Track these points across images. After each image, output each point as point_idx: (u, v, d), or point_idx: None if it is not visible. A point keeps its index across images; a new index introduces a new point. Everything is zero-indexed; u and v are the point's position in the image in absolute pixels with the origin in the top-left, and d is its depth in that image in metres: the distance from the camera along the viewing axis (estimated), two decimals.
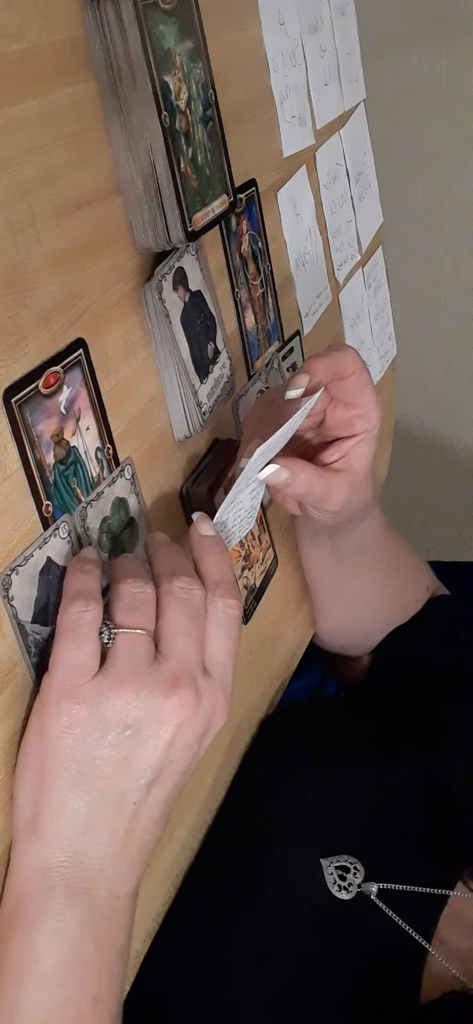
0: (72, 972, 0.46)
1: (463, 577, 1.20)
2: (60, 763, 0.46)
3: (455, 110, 1.51)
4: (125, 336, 0.58)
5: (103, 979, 0.47)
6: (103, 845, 0.47)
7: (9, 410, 0.48)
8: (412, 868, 0.63)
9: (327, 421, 0.64)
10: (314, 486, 0.60)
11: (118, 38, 0.53)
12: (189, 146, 0.58)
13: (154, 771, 0.47)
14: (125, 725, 0.46)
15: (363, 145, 1.02)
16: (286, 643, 0.83)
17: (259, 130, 0.77)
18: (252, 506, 0.58)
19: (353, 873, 0.62)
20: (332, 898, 0.61)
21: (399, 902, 0.61)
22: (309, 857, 0.64)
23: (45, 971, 0.45)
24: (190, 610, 0.49)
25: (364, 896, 0.61)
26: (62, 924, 0.46)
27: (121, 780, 0.47)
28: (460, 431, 1.76)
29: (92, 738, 0.46)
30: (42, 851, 0.46)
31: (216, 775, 0.70)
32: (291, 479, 0.58)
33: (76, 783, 0.46)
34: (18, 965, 0.45)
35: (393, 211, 1.16)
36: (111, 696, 0.46)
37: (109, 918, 0.47)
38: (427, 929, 0.60)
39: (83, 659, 0.46)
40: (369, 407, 0.62)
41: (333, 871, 0.62)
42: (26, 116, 0.49)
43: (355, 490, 0.64)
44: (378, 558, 0.80)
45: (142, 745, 0.47)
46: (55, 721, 0.46)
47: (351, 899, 0.61)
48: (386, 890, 0.61)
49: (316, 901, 0.61)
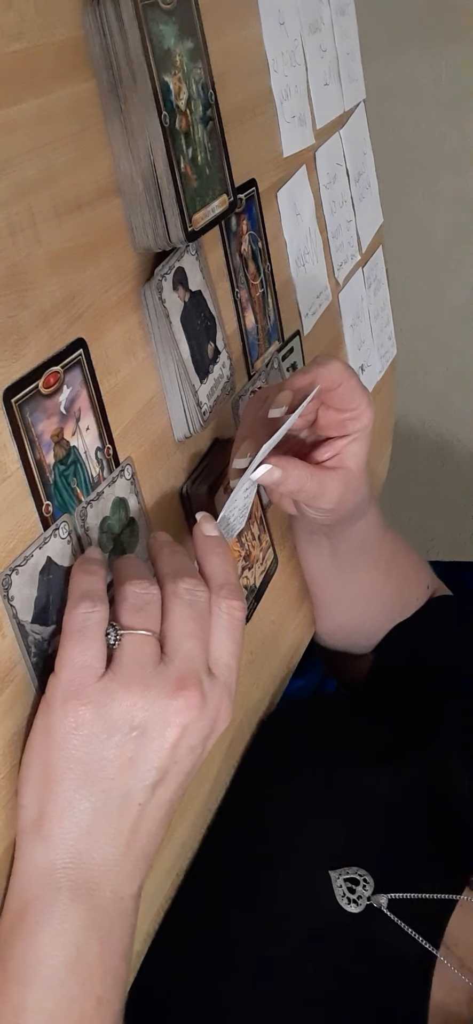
0: (76, 973, 0.46)
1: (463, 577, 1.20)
2: (66, 764, 0.46)
3: (455, 110, 1.50)
4: (125, 336, 0.58)
5: (107, 980, 0.47)
6: (108, 846, 0.47)
7: (9, 410, 0.48)
8: (420, 874, 0.63)
9: (319, 421, 0.64)
10: (306, 483, 0.60)
11: (118, 38, 0.53)
12: (189, 146, 0.58)
13: (159, 772, 0.47)
14: (131, 726, 0.46)
15: (363, 145, 1.01)
16: (286, 643, 0.83)
17: (259, 130, 0.77)
18: (245, 505, 0.58)
19: (362, 885, 0.62)
20: (342, 911, 0.61)
21: (407, 909, 0.60)
22: (316, 868, 0.63)
23: (49, 972, 0.45)
24: (195, 611, 0.49)
25: (373, 907, 0.61)
26: (67, 925, 0.46)
27: (126, 781, 0.47)
28: (460, 431, 1.76)
29: (98, 739, 0.46)
30: (47, 852, 0.46)
31: (216, 775, 0.70)
32: (283, 477, 0.58)
33: (82, 784, 0.46)
34: (22, 966, 0.45)
35: (393, 211, 1.16)
36: (117, 697, 0.46)
37: (113, 919, 0.47)
38: (435, 935, 0.60)
39: (90, 660, 0.46)
40: (360, 409, 0.62)
41: (342, 884, 0.62)
42: (26, 116, 0.49)
43: (349, 488, 0.64)
44: (377, 557, 0.80)
45: (148, 746, 0.47)
46: (61, 722, 0.46)
47: (361, 912, 0.61)
48: (395, 900, 0.61)
49: (325, 914, 0.61)
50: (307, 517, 0.66)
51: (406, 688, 0.82)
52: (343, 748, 0.74)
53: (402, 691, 0.82)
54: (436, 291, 1.65)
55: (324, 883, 0.62)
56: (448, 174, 1.55)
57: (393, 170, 1.50)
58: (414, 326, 1.61)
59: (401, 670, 0.84)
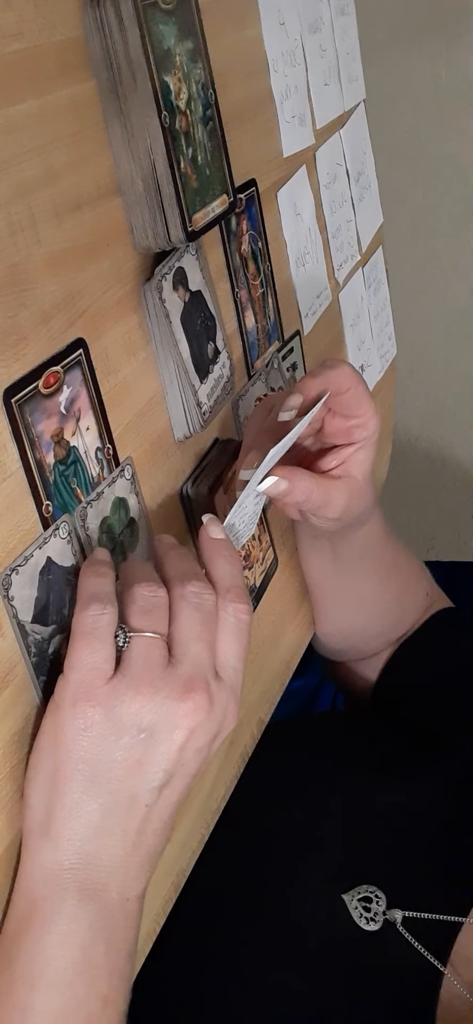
0: (83, 974, 0.46)
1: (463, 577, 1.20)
2: (75, 765, 0.46)
3: (455, 110, 1.50)
4: (125, 336, 0.58)
5: (113, 981, 0.47)
6: (114, 847, 0.47)
7: (9, 410, 0.48)
8: (428, 893, 0.63)
9: (325, 429, 0.63)
10: (312, 494, 0.60)
11: (118, 38, 0.53)
12: (189, 146, 0.58)
13: (166, 774, 0.47)
14: (140, 728, 0.46)
15: (363, 145, 1.02)
16: (286, 643, 0.83)
17: (259, 130, 0.77)
18: (254, 513, 0.58)
19: (376, 902, 0.62)
20: (359, 931, 0.61)
21: (416, 927, 0.61)
22: (324, 883, 0.63)
23: (56, 973, 0.45)
24: (202, 615, 0.49)
25: (389, 924, 0.61)
26: (74, 926, 0.46)
27: (134, 783, 0.47)
28: (460, 431, 1.76)
29: (107, 741, 0.46)
30: (54, 853, 0.46)
31: (216, 775, 0.70)
32: (289, 488, 0.58)
33: (90, 785, 0.46)
34: (29, 967, 0.45)
35: (393, 211, 1.16)
36: (127, 699, 0.46)
37: (119, 920, 0.47)
38: (442, 954, 0.60)
39: (99, 662, 0.46)
40: (367, 417, 0.62)
41: (357, 904, 0.62)
42: (26, 116, 0.49)
43: (355, 496, 0.64)
44: (378, 563, 0.80)
45: (155, 748, 0.47)
46: (70, 723, 0.46)
47: (378, 929, 0.61)
48: (408, 917, 0.61)
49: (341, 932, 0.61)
50: (311, 523, 0.66)
51: (412, 707, 0.82)
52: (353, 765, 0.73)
53: (409, 710, 0.82)
54: (436, 291, 1.65)
55: (334, 901, 0.62)
56: (448, 174, 1.55)
57: (393, 170, 1.50)
58: (414, 326, 1.61)
59: (407, 689, 0.84)
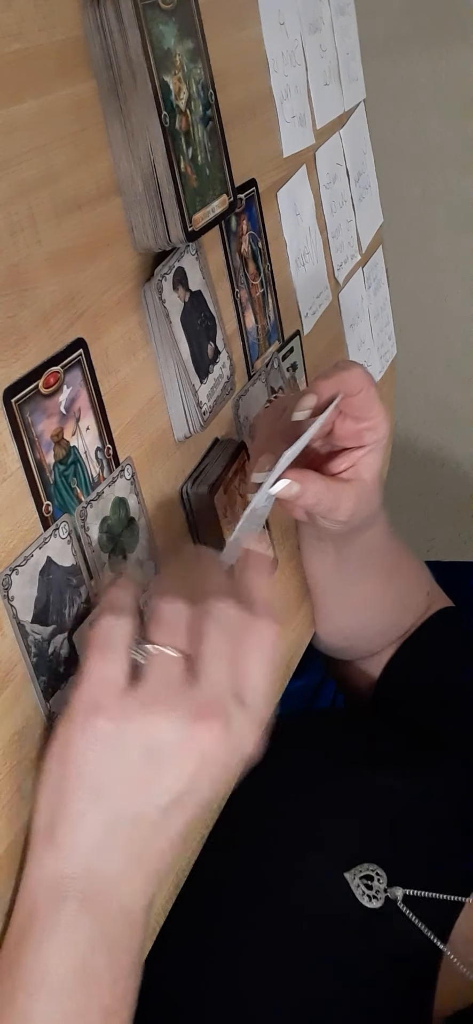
0: (83, 984, 0.45)
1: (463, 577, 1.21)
2: (81, 776, 0.45)
3: (455, 110, 1.50)
4: (125, 336, 0.58)
5: (115, 991, 0.46)
6: (118, 862, 0.46)
7: (9, 410, 0.48)
8: (429, 873, 0.63)
9: (336, 431, 0.63)
10: (323, 497, 0.60)
11: (118, 38, 0.53)
12: (189, 146, 0.58)
13: (175, 795, 0.46)
14: (149, 749, 0.45)
15: (363, 145, 1.02)
16: (286, 643, 0.82)
17: (259, 130, 0.77)
18: (262, 515, 0.58)
19: (377, 880, 0.62)
20: (362, 907, 0.60)
21: (417, 906, 0.61)
22: (328, 865, 0.63)
23: (56, 982, 0.45)
24: (228, 633, 0.47)
25: (390, 902, 0.61)
26: (73, 936, 0.45)
27: (140, 800, 0.46)
28: (460, 431, 1.76)
29: (114, 756, 0.45)
30: (57, 860, 0.46)
31: None
32: (301, 491, 0.58)
33: (95, 798, 0.45)
34: (29, 975, 0.45)
35: (393, 211, 1.16)
36: (138, 716, 0.45)
37: (122, 930, 0.47)
38: (443, 933, 0.60)
39: (112, 674, 0.45)
40: (378, 420, 0.62)
41: (359, 882, 0.62)
42: (26, 116, 0.49)
43: (363, 499, 0.64)
44: (381, 564, 0.80)
45: (165, 771, 0.46)
46: (80, 736, 0.45)
47: (381, 906, 0.60)
48: (408, 896, 0.61)
49: (344, 911, 0.60)
50: (317, 525, 0.66)
51: (413, 706, 0.82)
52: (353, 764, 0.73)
53: (409, 709, 0.82)
54: (436, 291, 1.65)
55: (337, 880, 0.62)
56: (448, 174, 1.55)
57: (393, 170, 1.50)
58: (414, 326, 1.61)
59: (409, 689, 0.84)
